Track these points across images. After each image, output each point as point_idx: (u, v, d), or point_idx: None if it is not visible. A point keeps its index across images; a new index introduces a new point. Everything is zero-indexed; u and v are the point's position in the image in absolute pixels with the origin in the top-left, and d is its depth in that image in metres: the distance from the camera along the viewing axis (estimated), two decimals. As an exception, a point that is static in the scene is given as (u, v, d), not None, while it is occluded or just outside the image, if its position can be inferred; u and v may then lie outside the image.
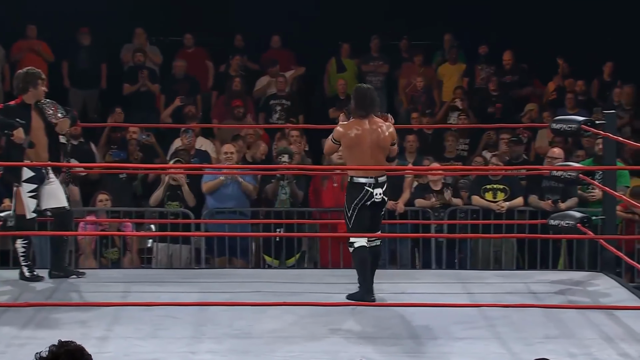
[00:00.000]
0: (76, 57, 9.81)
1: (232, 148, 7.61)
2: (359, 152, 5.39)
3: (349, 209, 5.41)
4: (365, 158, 5.39)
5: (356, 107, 5.45)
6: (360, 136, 5.39)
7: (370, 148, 5.40)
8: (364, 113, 5.42)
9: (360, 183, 5.38)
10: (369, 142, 5.39)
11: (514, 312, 5.13)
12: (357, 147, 5.39)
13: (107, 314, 5.03)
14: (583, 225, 6.05)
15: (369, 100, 5.45)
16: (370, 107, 5.44)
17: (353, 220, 5.40)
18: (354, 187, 5.40)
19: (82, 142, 8.40)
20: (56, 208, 5.76)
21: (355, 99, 5.48)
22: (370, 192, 5.38)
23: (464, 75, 10.03)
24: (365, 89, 5.56)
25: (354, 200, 5.39)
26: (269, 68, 9.76)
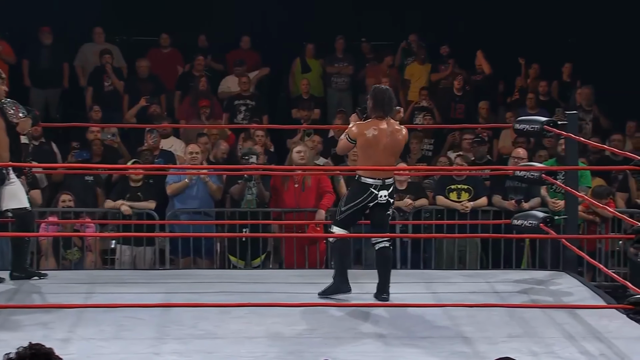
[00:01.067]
0: (37, 57, 9.70)
1: (197, 148, 7.57)
2: (373, 153, 5.38)
3: (346, 205, 5.43)
4: (379, 159, 5.38)
5: (374, 107, 5.42)
6: (377, 137, 5.38)
7: (385, 150, 5.39)
8: (382, 113, 5.41)
9: (366, 184, 5.38)
10: (385, 143, 5.39)
11: (478, 311, 5.16)
12: (372, 147, 5.38)
13: (70, 315, 4.97)
14: (546, 225, 6.10)
15: (387, 100, 5.43)
16: (388, 108, 5.43)
17: (344, 215, 5.42)
18: (360, 186, 5.40)
19: (43, 142, 8.30)
20: (17, 209, 5.69)
21: (373, 98, 5.44)
22: (375, 194, 5.38)
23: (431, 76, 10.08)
24: (384, 89, 5.53)
25: (355, 199, 5.40)
26: (236, 68, 9.73)
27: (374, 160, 5.37)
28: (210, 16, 10.50)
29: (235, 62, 9.85)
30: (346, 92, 10.21)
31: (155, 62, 9.71)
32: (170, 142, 8.52)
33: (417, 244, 7.39)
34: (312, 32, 10.35)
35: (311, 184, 7.16)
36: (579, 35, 10.45)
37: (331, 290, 5.43)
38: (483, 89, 9.78)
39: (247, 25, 10.40)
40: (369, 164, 5.38)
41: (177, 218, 7.33)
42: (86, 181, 7.74)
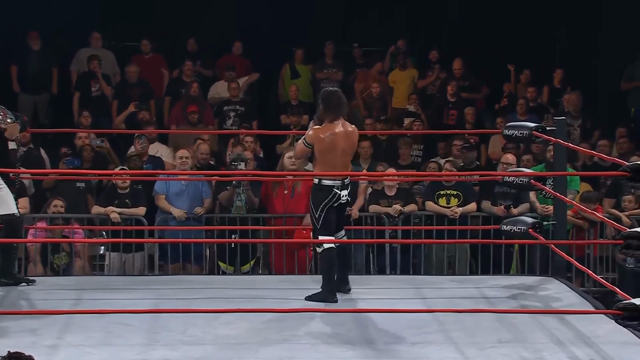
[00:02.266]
0: (26, 62, 9.67)
1: (187, 153, 7.55)
2: (332, 157, 5.46)
3: (317, 211, 5.47)
4: (337, 162, 5.46)
5: (325, 110, 5.48)
6: (335, 141, 5.45)
7: (343, 152, 5.49)
8: (334, 116, 5.47)
9: (328, 185, 5.46)
10: (342, 146, 5.47)
11: (468, 316, 5.16)
12: (331, 151, 5.46)
13: (58, 321, 4.95)
14: (535, 230, 6.12)
15: (336, 101, 5.49)
16: (339, 109, 5.48)
17: (321, 221, 5.47)
18: (321, 189, 5.47)
19: (32, 148, 8.27)
20: (5, 215, 5.66)
21: (324, 102, 5.50)
22: (338, 194, 5.46)
23: (417, 82, 10.10)
24: (332, 91, 5.59)
25: (321, 202, 5.46)
26: (226, 73, 9.73)
27: (333, 163, 5.46)
28: (199, 21, 10.50)
29: (225, 67, 9.85)
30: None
31: (140, 67, 9.69)
32: (156, 148, 8.51)
33: (406, 249, 7.40)
34: (301, 38, 10.36)
35: (301, 190, 7.17)
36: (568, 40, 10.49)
37: (317, 298, 5.45)
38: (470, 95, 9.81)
39: (237, 31, 10.40)
40: (326, 167, 5.45)
41: (166, 224, 7.32)
42: (77, 187, 7.72)
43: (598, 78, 10.23)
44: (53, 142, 8.81)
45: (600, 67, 10.27)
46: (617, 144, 8.74)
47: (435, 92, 9.90)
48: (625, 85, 9.91)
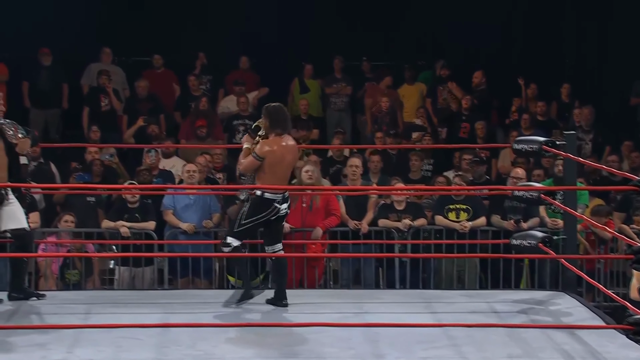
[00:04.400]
0: (37, 78, 9.73)
1: (194, 167, 7.57)
2: (279, 169, 5.60)
3: (246, 220, 5.62)
4: (283, 175, 5.62)
5: (272, 125, 5.63)
6: (283, 154, 5.61)
7: (288, 165, 5.65)
8: (280, 130, 5.61)
9: (270, 199, 5.58)
10: (288, 159, 5.63)
11: (477, 331, 5.14)
12: (279, 164, 5.59)
13: (68, 336, 4.95)
14: (545, 245, 6.10)
15: (283, 117, 5.66)
16: (285, 124, 5.65)
17: (244, 230, 5.63)
18: (263, 202, 5.59)
19: (42, 162, 8.31)
20: (16, 229, 5.68)
21: (269, 117, 5.66)
22: (278, 208, 5.59)
23: (427, 96, 10.12)
24: (278, 107, 5.74)
25: (256, 215, 5.60)
26: (235, 88, 9.77)
27: (279, 175, 5.60)
28: (209, 37, 10.55)
29: (234, 82, 9.89)
30: (345, 112, 10.25)
31: (151, 82, 9.74)
32: (171, 162, 8.53)
33: (416, 263, 7.39)
34: (310, 53, 10.40)
35: (320, 204, 7.18)
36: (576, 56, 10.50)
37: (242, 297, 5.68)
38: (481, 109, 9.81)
39: (246, 46, 10.45)
40: (274, 179, 5.58)
41: (175, 238, 7.33)
42: (88, 202, 7.75)
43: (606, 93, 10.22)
44: (63, 157, 8.85)
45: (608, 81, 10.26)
46: (629, 158, 8.72)
47: (446, 105, 9.90)
48: (635, 100, 9.89)
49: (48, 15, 10.05)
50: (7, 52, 9.90)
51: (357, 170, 7.57)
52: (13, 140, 5.64)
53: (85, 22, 10.22)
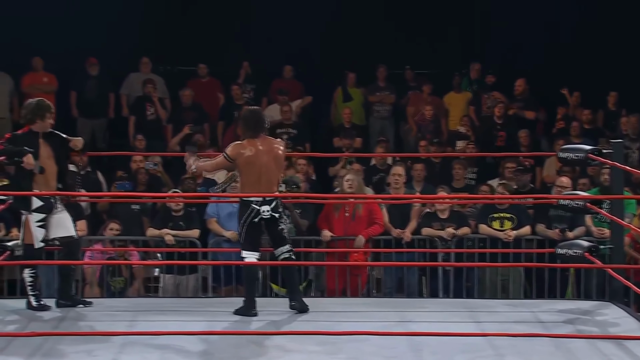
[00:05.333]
0: (84, 87, 9.88)
1: (238, 175, 7.60)
2: (253, 172, 5.63)
3: (239, 226, 5.70)
4: (259, 177, 5.64)
5: (245, 128, 5.72)
6: (255, 156, 5.64)
7: (265, 167, 5.65)
8: (252, 133, 5.69)
9: (247, 201, 5.65)
10: (263, 162, 5.64)
11: (522, 341, 5.09)
12: (251, 166, 5.63)
13: (114, 343, 5.01)
14: (591, 254, 6.03)
15: (255, 120, 5.73)
16: (258, 127, 5.71)
17: (243, 237, 5.68)
18: (243, 205, 5.67)
19: (89, 171, 8.42)
20: (64, 237, 5.77)
21: (243, 120, 5.77)
22: (257, 210, 5.61)
23: (471, 104, 10.07)
24: (252, 110, 5.85)
25: (241, 219, 5.67)
26: (278, 97, 9.83)
27: (255, 178, 5.62)
28: (253, 46, 10.63)
29: (278, 91, 9.95)
30: (388, 121, 10.25)
31: (196, 91, 9.84)
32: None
33: (459, 272, 7.35)
34: (353, 61, 10.42)
35: (362, 213, 7.18)
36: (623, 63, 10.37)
37: (240, 312, 5.64)
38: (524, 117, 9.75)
39: (289, 55, 10.51)
40: (250, 181, 5.62)
41: (219, 246, 7.38)
42: (132, 210, 7.83)
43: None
44: (110, 166, 8.97)
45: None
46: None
47: (490, 114, 9.85)
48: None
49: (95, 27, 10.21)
50: (55, 63, 10.08)
51: (400, 178, 7.56)
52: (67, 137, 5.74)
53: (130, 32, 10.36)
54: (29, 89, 9.68)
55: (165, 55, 10.51)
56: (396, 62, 10.55)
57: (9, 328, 5.42)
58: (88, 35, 10.19)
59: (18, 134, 5.73)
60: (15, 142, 5.64)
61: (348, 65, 10.31)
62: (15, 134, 5.75)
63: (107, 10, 10.27)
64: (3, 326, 5.45)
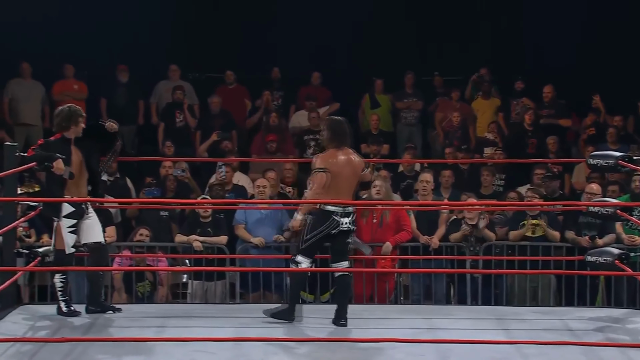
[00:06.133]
0: (114, 94, 9.96)
1: (265, 182, 7.64)
2: (336, 183, 5.56)
3: (309, 234, 5.59)
4: (341, 188, 5.57)
5: (331, 138, 5.64)
6: (341, 166, 5.59)
7: (347, 178, 5.59)
8: (337, 144, 5.62)
9: (329, 211, 5.55)
10: (346, 173, 5.59)
11: (552, 349, 5.05)
12: (335, 177, 5.57)
13: (143, 349, 5.04)
14: (621, 261, 5.97)
15: (342, 131, 5.66)
16: (344, 138, 5.65)
17: (308, 245, 5.58)
18: (323, 214, 5.56)
19: (118, 177, 8.48)
20: (93, 243, 5.82)
21: (330, 130, 5.67)
22: (338, 222, 5.54)
23: (499, 110, 10.03)
24: (339, 120, 5.74)
25: (317, 228, 5.56)
26: (307, 103, 9.84)
27: (337, 189, 5.55)
28: (280, 52, 10.66)
29: (306, 97, 9.97)
30: (415, 127, 10.23)
31: (223, 98, 9.89)
32: (241, 177, 8.62)
33: (487, 279, 7.30)
34: (380, 68, 10.42)
35: (390, 220, 7.17)
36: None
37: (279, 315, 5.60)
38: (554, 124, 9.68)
39: (317, 61, 10.53)
40: (332, 192, 5.54)
41: (247, 252, 7.40)
42: (161, 216, 7.88)
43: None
44: (139, 172, 9.03)
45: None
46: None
47: (519, 120, 9.80)
48: None
49: (125, 35, 10.30)
50: (86, 69, 10.18)
51: (428, 185, 7.55)
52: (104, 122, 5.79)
53: (159, 39, 10.44)
54: (60, 96, 9.77)
55: (193, 62, 10.55)
56: (424, 69, 10.54)
57: (40, 334, 5.47)
58: (118, 42, 10.28)
59: (50, 140, 5.79)
60: (47, 148, 5.70)
61: (376, 72, 10.31)
62: (48, 140, 5.80)
63: (136, 18, 10.35)
64: (34, 332, 5.50)
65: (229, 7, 10.71)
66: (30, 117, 9.76)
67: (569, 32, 10.46)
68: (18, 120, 9.72)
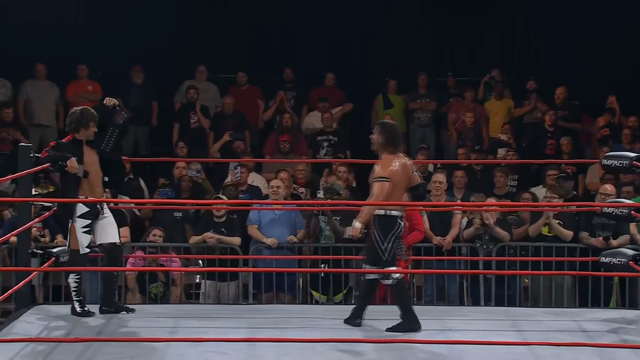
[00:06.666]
0: (129, 95, 9.99)
1: (279, 182, 7.65)
2: (394, 188, 5.52)
3: (385, 241, 5.51)
4: (399, 192, 5.56)
5: (386, 143, 5.59)
6: (400, 172, 5.55)
7: (401, 184, 5.57)
8: (393, 149, 5.58)
9: (394, 216, 5.53)
10: (401, 178, 5.56)
11: (565, 350, 5.04)
12: (399, 182, 5.53)
13: (156, 349, 5.06)
14: (636, 262, 5.94)
15: (397, 136, 5.62)
16: (399, 142, 5.63)
17: (390, 252, 5.51)
18: (388, 220, 5.53)
19: (131, 178, 8.51)
20: (109, 244, 5.84)
21: (384, 135, 5.60)
22: (401, 225, 5.53)
23: (514, 111, 10.00)
24: (393, 124, 5.71)
25: (389, 232, 5.51)
26: (319, 104, 9.85)
27: (396, 194, 5.53)
28: (294, 53, 10.67)
29: (319, 98, 9.97)
30: (429, 128, 10.21)
31: (236, 99, 9.90)
32: (255, 178, 8.64)
33: (501, 280, 7.29)
34: (394, 68, 10.41)
35: None
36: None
37: (402, 328, 5.46)
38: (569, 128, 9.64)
39: (330, 62, 10.53)
40: (395, 196, 5.51)
41: (260, 253, 7.41)
42: (175, 217, 7.90)
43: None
44: (152, 173, 9.06)
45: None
46: None
47: (532, 121, 9.77)
48: None
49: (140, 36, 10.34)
50: (100, 70, 10.21)
51: (441, 186, 7.53)
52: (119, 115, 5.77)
53: (174, 40, 10.47)
54: (73, 97, 9.82)
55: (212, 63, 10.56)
56: (437, 69, 10.52)
57: (54, 334, 5.49)
58: (132, 43, 10.32)
59: (62, 141, 5.82)
60: (59, 149, 5.73)
61: (389, 73, 10.30)
62: (60, 141, 5.83)
63: (151, 19, 10.39)
64: (48, 331, 5.53)
65: (241, 8, 10.71)
66: (45, 118, 9.80)
67: (582, 32, 10.42)
68: (33, 122, 9.77)
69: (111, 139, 5.85)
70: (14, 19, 10.13)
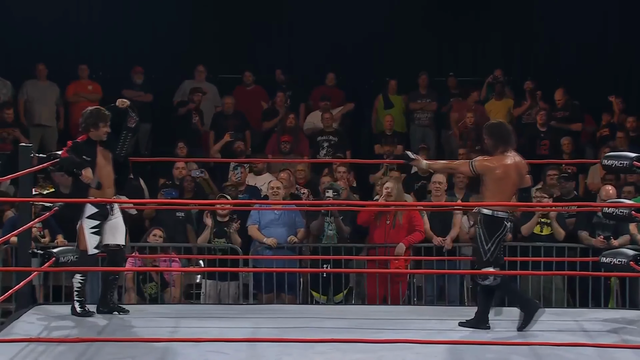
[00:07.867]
0: (130, 95, 9.98)
1: (279, 183, 7.64)
2: (505, 188, 5.47)
3: (489, 243, 5.48)
4: (510, 193, 5.50)
5: (497, 143, 5.52)
6: (507, 172, 5.47)
7: (514, 185, 5.51)
8: (504, 148, 5.51)
9: (501, 218, 5.48)
10: (512, 178, 5.49)
11: (566, 350, 5.04)
12: (504, 183, 5.47)
13: (157, 349, 5.06)
14: (636, 262, 5.94)
15: (507, 135, 5.55)
16: (509, 140, 5.54)
17: (492, 253, 5.49)
18: (494, 221, 5.48)
19: (131, 178, 8.49)
20: (114, 245, 5.84)
21: (492, 136, 5.55)
22: (507, 227, 5.50)
23: (513, 111, 9.99)
24: (498, 124, 5.67)
25: (494, 234, 5.47)
26: (320, 104, 9.85)
27: (507, 194, 5.47)
28: (293, 53, 10.67)
29: (320, 98, 9.97)
30: (429, 128, 10.21)
31: (241, 99, 9.89)
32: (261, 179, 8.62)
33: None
34: (394, 69, 10.41)
35: (403, 221, 7.16)
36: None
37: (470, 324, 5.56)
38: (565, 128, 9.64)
39: (331, 62, 10.53)
40: (502, 197, 5.44)
41: (260, 253, 7.40)
42: (177, 217, 7.89)
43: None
44: (152, 173, 9.05)
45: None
46: None
47: (531, 121, 9.76)
48: None
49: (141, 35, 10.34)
50: (100, 71, 10.21)
51: (442, 186, 7.53)
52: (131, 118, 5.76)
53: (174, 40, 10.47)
54: (73, 97, 9.82)
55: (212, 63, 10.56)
56: (437, 70, 10.52)
57: (54, 334, 5.49)
58: (133, 43, 10.32)
59: (78, 142, 5.80)
60: (77, 150, 5.71)
61: (389, 73, 10.30)
62: (76, 142, 5.81)
63: (152, 19, 10.39)
64: (48, 332, 5.53)
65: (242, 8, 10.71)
66: (45, 118, 9.80)
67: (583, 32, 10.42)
68: (33, 121, 9.76)
69: (125, 144, 5.86)
70: (14, 18, 10.13)
